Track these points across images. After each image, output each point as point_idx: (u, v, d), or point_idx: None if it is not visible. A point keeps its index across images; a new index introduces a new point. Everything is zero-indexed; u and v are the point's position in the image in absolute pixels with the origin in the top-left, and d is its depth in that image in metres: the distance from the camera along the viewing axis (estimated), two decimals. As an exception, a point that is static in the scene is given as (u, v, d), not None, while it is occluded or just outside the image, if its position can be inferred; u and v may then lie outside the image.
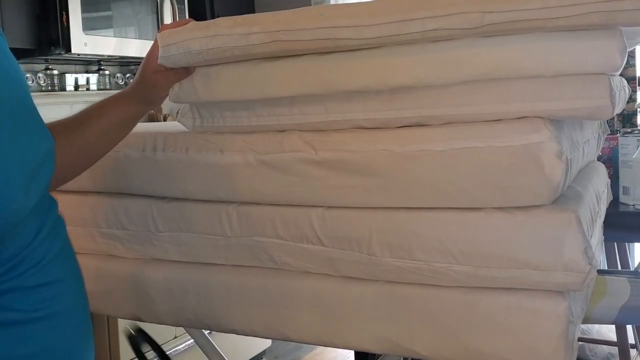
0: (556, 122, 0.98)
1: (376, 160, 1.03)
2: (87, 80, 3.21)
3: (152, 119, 3.50)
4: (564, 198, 1.02)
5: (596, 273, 0.96)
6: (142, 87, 1.17)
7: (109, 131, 1.14)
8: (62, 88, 3.10)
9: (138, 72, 1.18)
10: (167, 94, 1.19)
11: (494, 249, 0.97)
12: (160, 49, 1.10)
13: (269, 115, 1.12)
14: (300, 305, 1.14)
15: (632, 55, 2.09)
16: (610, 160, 1.95)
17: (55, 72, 3.09)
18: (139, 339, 1.04)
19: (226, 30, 1.05)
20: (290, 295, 1.15)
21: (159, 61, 1.11)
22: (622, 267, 2.51)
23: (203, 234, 1.19)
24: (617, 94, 0.99)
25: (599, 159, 1.58)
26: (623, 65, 0.95)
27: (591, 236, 1.04)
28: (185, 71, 1.16)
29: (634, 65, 2.12)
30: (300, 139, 1.09)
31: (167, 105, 3.92)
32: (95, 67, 3.28)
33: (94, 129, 1.11)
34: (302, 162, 1.08)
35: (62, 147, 1.00)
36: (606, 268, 2.47)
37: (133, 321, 0.99)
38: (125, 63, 3.37)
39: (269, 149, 1.11)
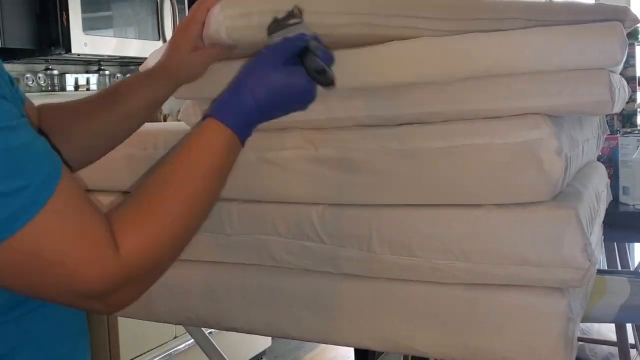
0: (556, 119, 0.98)
1: (376, 157, 1.03)
2: (87, 80, 3.22)
3: (152, 119, 3.50)
4: (564, 195, 1.02)
5: (596, 271, 0.97)
6: (174, 67, 1.05)
7: (134, 115, 1.06)
8: (62, 88, 3.10)
9: (167, 50, 1.06)
10: (203, 73, 1.08)
11: (494, 245, 0.97)
12: (228, 18, 0.96)
13: (269, 113, 1.11)
14: (300, 302, 1.14)
15: (632, 55, 2.10)
16: (610, 161, 1.95)
17: (55, 72, 3.09)
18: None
19: (314, 7, 0.97)
20: (290, 292, 1.15)
21: (225, 34, 0.97)
22: (622, 267, 2.51)
23: (204, 232, 1.19)
24: (616, 90, 0.99)
25: (598, 159, 1.58)
26: (624, 60, 0.95)
27: (590, 234, 1.04)
28: (229, 48, 1.03)
29: (634, 65, 2.12)
30: (301, 137, 1.09)
31: (167, 105, 3.91)
32: (96, 67, 3.28)
33: (119, 112, 1.03)
34: (303, 159, 1.08)
35: (83, 130, 0.97)
36: (606, 268, 2.47)
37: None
38: (125, 63, 3.37)
39: (270, 146, 1.11)
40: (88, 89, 3.20)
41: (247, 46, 1.01)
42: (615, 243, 2.41)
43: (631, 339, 2.72)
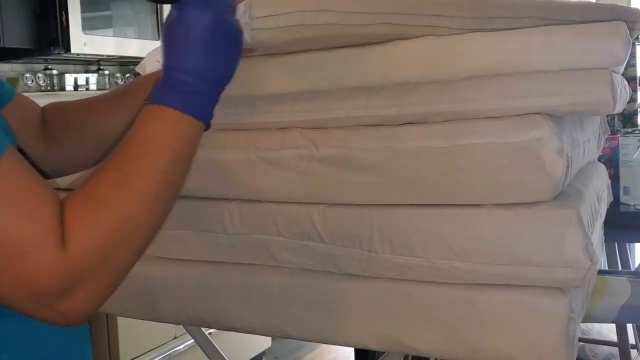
0: (557, 119, 0.98)
1: (377, 156, 1.03)
2: (87, 80, 3.22)
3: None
4: (565, 195, 1.01)
5: (597, 270, 0.96)
6: None
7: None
8: (62, 88, 3.10)
9: None
10: None
11: (495, 245, 0.97)
12: (254, 20, 0.93)
13: (270, 112, 1.11)
14: (301, 302, 1.14)
15: (632, 55, 2.10)
16: (611, 161, 1.96)
17: (55, 72, 3.09)
18: None
19: (339, 7, 0.97)
20: (291, 292, 1.15)
21: (250, 35, 0.92)
22: (622, 268, 2.51)
23: (204, 232, 1.19)
24: (618, 90, 0.99)
25: (599, 159, 1.58)
26: (626, 60, 0.95)
27: (592, 234, 1.04)
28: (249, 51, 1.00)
29: (634, 65, 2.13)
30: (302, 136, 1.09)
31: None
32: (95, 67, 3.29)
33: (129, 114, 1.02)
34: (304, 159, 1.08)
35: (94, 129, 0.97)
36: (607, 268, 2.47)
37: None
38: (124, 63, 3.37)
39: (271, 145, 1.11)
40: (87, 89, 3.20)
41: (264, 48, 1.02)
42: (615, 243, 2.42)
43: (632, 340, 2.72)
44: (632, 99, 2.12)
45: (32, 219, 0.65)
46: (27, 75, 2.98)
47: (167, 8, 0.82)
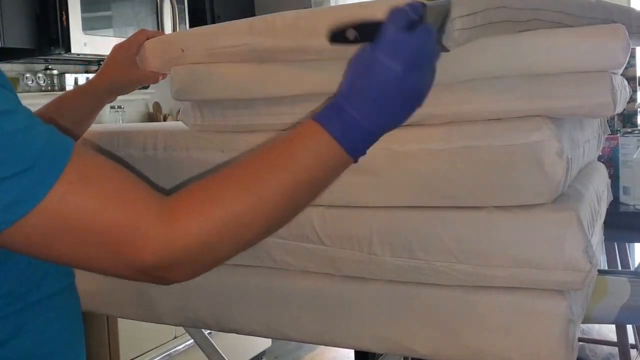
0: (557, 120, 0.98)
1: (377, 159, 1.02)
2: (87, 80, 3.21)
3: (152, 119, 3.50)
4: (565, 197, 1.01)
5: (596, 272, 0.96)
6: (126, 82, 1.25)
7: (80, 123, 1.22)
8: (62, 88, 3.10)
9: (106, 66, 1.25)
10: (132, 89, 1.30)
11: (495, 247, 0.97)
12: (456, 20, 0.83)
13: (270, 115, 1.11)
14: (300, 304, 1.14)
15: (632, 55, 2.10)
16: (611, 161, 1.96)
17: (55, 72, 3.09)
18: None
19: (511, 3, 0.92)
20: (290, 294, 1.15)
21: (451, 37, 0.84)
22: (622, 267, 2.51)
23: (203, 233, 1.19)
24: (618, 92, 0.98)
25: (599, 159, 1.58)
26: (626, 62, 0.95)
27: (592, 235, 1.04)
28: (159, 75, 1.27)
29: (634, 65, 2.13)
30: (301, 138, 1.08)
31: (166, 105, 3.91)
32: (95, 67, 3.28)
33: (67, 120, 1.17)
34: (303, 160, 1.08)
35: None
36: (606, 268, 2.47)
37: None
38: (125, 63, 3.36)
39: (270, 147, 1.11)
40: (88, 89, 3.20)
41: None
42: (615, 243, 2.42)
43: (631, 339, 2.73)
44: (632, 99, 2.11)
45: (137, 203, 0.69)
46: (28, 75, 2.98)
47: (167, 11, 0.82)
